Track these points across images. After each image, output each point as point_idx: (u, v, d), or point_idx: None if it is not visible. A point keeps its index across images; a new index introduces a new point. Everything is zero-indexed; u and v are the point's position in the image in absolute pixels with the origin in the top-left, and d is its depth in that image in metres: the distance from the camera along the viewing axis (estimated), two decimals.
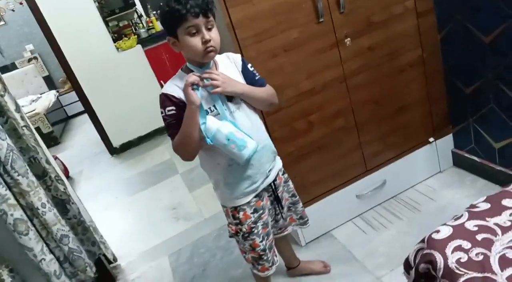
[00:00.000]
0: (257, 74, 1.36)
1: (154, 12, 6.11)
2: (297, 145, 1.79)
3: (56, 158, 3.36)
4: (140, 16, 5.94)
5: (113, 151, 4.25)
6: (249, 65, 1.36)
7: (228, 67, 1.31)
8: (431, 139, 2.07)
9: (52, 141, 5.32)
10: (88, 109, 4.05)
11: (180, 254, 2.29)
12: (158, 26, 6.01)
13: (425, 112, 2.01)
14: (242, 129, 1.26)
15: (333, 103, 1.80)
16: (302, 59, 1.69)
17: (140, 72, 4.11)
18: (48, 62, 6.35)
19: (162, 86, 4.21)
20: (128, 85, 4.07)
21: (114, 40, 4.07)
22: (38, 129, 5.01)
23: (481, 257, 0.98)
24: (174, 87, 1.24)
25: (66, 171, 3.81)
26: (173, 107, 1.23)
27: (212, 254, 2.18)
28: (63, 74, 6.28)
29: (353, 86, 1.81)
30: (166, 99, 1.24)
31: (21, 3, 5.69)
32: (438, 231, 1.09)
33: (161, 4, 1.20)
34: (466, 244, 1.02)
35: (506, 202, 1.12)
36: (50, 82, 6.43)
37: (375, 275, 1.72)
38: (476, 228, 1.06)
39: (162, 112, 1.25)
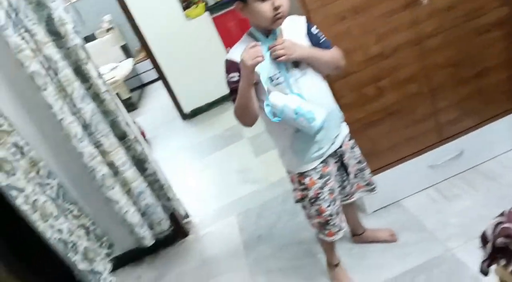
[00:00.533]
0: (322, 36, 1.33)
1: None
2: (367, 110, 1.74)
3: (134, 122, 3.61)
4: None
5: (185, 116, 4.46)
6: (313, 28, 1.33)
7: (293, 31, 1.29)
8: None
9: (130, 106, 5.69)
10: (162, 77, 4.26)
11: (247, 214, 2.40)
12: None
13: (510, 77, 1.83)
14: (308, 99, 1.25)
15: (405, 67, 1.71)
16: (371, 21, 1.60)
17: (208, 40, 4.18)
18: (124, 32, 6.69)
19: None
20: (197, 53, 4.18)
21: (183, 9, 4.16)
22: (117, 95, 5.39)
23: None
24: (238, 54, 1.23)
25: (143, 134, 4.09)
26: (237, 74, 1.23)
27: (278, 216, 2.26)
28: (138, 43, 6.60)
29: (428, 49, 1.69)
30: (230, 65, 1.27)
31: None
32: None
33: None
34: None
35: None
36: (127, 51, 6.80)
37: (446, 246, 1.67)
38: None
39: (226, 78, 1.28)
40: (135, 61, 6.67)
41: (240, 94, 1.22)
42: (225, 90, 1.31)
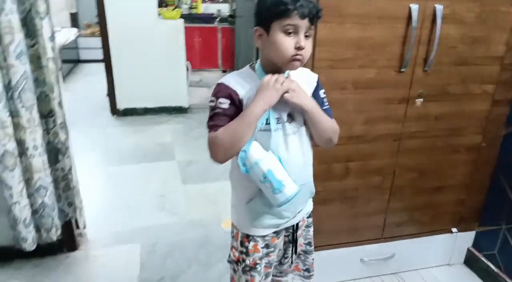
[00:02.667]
0: (326, 102, 1.21)
1: None
2: (326, 187, 1.64)
3: None
4: None
5: (115, 111, 4.05)
6: (322, 91, 1.21)
7: (302, 82, 1.15)
8: (454, 229, 1.94)
9: None
10: (107, 61, 3.86)
11: (154, 248, 2.09)
12: (201, 9, 5.87)
13: (460, 200, 1.88)
14: (288, 162, 1.09)
15: (378, 158, 1.66)
16: (367, 102, 1.55)
17: (173, 46, 3.93)
18: (80, 0, 6.14)
19: (187, 67, 3.95)
20: (156, 54, 3.90)
21: (158, 5, 3.91)
22: None
23: None
24: (237, 84, 1.08)
25: None
26: (228, 101, 1.06)
27: (188, 263, 1.99)
28: (91, 17, 6.06)
29: (405, 148, 1.68)
30: (224, 90, 1.07)
31: None
32: None
33: None
34: None
35: None
36: (74, 21, 6.22)
37: None
38: None
39: (212, 101, 1.08)
40: (80, 34, 6.10)
41: (245, 121, 1.03)
42: (169, 102, 1.10)
